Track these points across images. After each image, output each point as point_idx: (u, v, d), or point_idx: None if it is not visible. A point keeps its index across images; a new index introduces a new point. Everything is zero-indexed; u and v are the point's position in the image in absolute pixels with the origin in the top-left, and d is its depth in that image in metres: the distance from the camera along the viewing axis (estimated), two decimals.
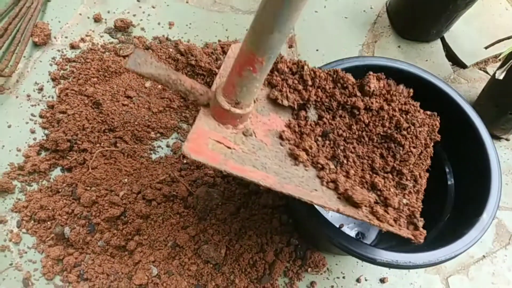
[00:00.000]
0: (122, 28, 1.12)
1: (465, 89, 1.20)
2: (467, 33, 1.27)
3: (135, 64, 0.56)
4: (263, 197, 0.91)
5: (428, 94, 0.79)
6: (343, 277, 0.91)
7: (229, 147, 0.59)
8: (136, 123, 0.98)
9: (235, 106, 0.58)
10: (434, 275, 0.94)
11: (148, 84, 1.03)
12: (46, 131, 0.98)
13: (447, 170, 0.80)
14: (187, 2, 1.22)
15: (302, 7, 0.51)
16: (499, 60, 1.22)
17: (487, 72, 1.23)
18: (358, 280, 0.91)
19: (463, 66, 1.23)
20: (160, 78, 0.57)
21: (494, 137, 1.12)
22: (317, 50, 1.19)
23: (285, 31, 0.52)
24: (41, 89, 1.03)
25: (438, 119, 0.69)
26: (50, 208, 0.88)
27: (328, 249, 0.88)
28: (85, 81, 1.02)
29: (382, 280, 0.92)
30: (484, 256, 0.98)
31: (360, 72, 0.79)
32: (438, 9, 1.13)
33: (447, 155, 0.81)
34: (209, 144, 0.57)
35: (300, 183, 0.60)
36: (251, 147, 0.61)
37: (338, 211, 0.57)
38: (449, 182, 0.79)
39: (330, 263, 0.91)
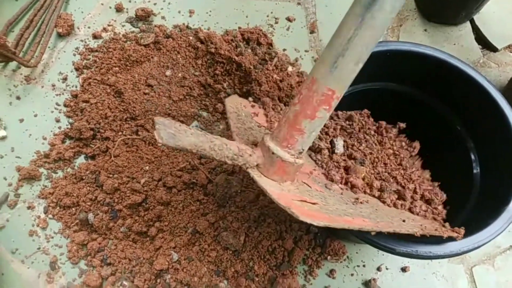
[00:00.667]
0: (143, 17, 1.13)
1: (496, 73, 1.15)
2: (498, 15, 1.21)
3: (170, 136, 0.47)
4: None
5: (455, 80, 0.77)
6: (363, 266, 0.90)
7: (312, 203, 0.53)
8: (157, 111, 0.98)
9: (299, 157, 0.52)
10: (458, 265, 0.92)
11: (168, 73, 1.04)
12: (70, 120, 1.00)
13: (472, 158, 0.77)
14: None
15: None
16: None
17: None
18: (378, 269, 0.90)
19: (493, 49, 1.18)
20: (203, 147, 0.49)
21: None
22: None
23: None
24: (65, 79, 1.05)
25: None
26: (75, 194, 0.90)
27: (347, 237, 0.87)
28: (107, 70, 1.03)
29: (404, 269, 0.90)
30: (511, 247, 0.94)
31: (382, 57, 0.77)
32: None
33: (473, 142, 0.78)
34: (296, 203, 0.51)
35: (379, 216, 0.57)
36: (320, 198, 0.56)
37: (415, 233, 0.56)
38: (474, 171, 0.76)
39: (350, 251, 0.90)
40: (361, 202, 0.61)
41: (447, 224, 0.65)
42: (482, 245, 0.61)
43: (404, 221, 0.60)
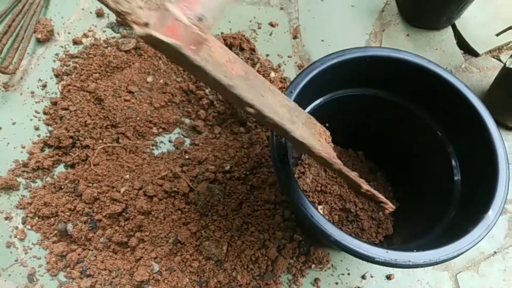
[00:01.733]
0: (125, 22, 1.11)
1: (477, 78, 1.15)
2: (479, 20, 1.22)
3: None
4: (265, 193, 0.90)
5: (434, 86, 0.77)
6: (348, 274, 0.89)
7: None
8: (138, 118, 0.97)
9: (195, 23, 0.46)
10: (443, 272, 0.92)
11: (150, 79, 1.02)
12: (50, 128, 0.98)
13: (453, 164, 0.77)
14: None
15: None
16: (511, 47, 1.17)
17: (500, 60, 1.18)
18: (363, 277, 0.89)
19: (475, 54, 1.19)
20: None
21: (507, 127, 1.08)
22: (322, 40, 1.16)
23: None
24: (44, 86, 1.03)
25: None
26: (54, 204, 0.88)
27: (331, 245, 0.87)
28: (87, 76, 1.01)
29: (388, 277, 0.90)
30: (495, 252, 0.95)
31: (362, 63, 0.77)
32: None
33: (454, 149, 0.78)
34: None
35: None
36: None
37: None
38: (455, 178, 0.76)
39: (335, 260, 0.90)
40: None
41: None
42: (462, 253, 0.60)
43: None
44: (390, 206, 0.62)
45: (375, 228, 0.87)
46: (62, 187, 0.90)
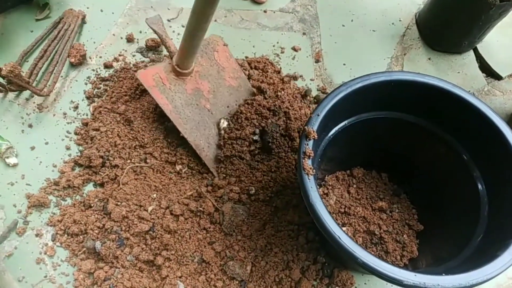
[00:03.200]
0: (153, 47, 1.16)
1: (501, 101, 1.15)
2: (501, 43, 1.23)
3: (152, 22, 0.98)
4: (289, 214, 0.91)
5: (459, 109, 0.77)
6: None
7: (164, 84, 0.94)
8: (166, 140, 1.00)
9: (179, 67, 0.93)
10: None
11: None
12: (80, 148, 1.02)
13: (480, 188, 0.77)
14: (215, 21, 1.25)
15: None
16: None
17: None
18: None
19: (498, 77, 1.19)
20: (160, 34, 0.98)
21: None
22: (344, 64, 1.18)
23: None
24: (76, 107, 1.07)
25: None
26: (83, 222, 0.90)
27: (355, 268, 0.86)
28: (117, 99, 1.05)
29: None
30: None
31: (387, 87, 0.78)
32: (470, 20, 1.10)
33: (480, 173, 0.78)
34: (154, 76, 0.94)
35: (193, 122, 0.96)
36: (176, 87, 0.96)
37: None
38: (481, 201, 0.75)
39: (359, 282, 0.89)
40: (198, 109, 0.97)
41: None
42: (492, 278, 0.60)
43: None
44: None
45: (400, 251, 0.87)
46: (92, 205, 0.93)
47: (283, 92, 1.05)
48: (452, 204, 0.84)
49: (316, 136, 0.71)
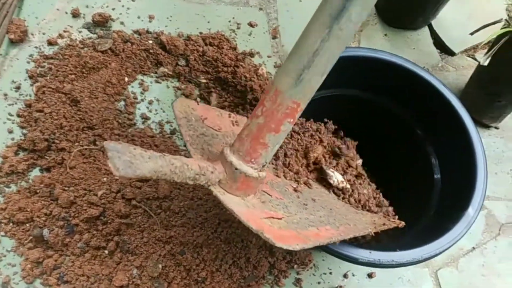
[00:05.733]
0: (100, 22, 1.09)
1: (454, 77, 1.18)
2: (455, 20, 1.25)
3: (127, 165, 0.41)
4: None
5: (412, 85, 0.78)
6: (330, 273, 0.90)
7: (279, 218, 0.52)
8: (115, 120, 0.95)
9: (262, 170, 0.51)
10: (423, 269, 0.93)
11: (127, 79, 1.01)
12: (24, 131, 0.95)
13: (433, 162, 0.79)
14: None
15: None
16: (487, 46, 1.20)
17: (475, 59, 1.21)
18: (345, 276, 0.90)
19: (451, 53, 1.21)
20: (164, 172, 0.45)
21: (484, 125, 1.10)
22: None
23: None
24: (18, 88, 1.00)
25: None
26: (29, 209, 0.86)
27: None
28: (63, 78, 0.99)
29: (370, 275, 0.90)
30: (473, 248, 0.96)
31: (341, 64, 0.77)
32: None
33: (433, 148, 0.80)
34: (266, 223, 0.50)
35: (337, 219, 0.60)
36: (283, 208, 0.56)
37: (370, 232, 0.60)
38: (435, 176, 0.77)
39: (316, 259, 0.90)
40: (313, 200, 0.63)
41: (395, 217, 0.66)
42: (444, 251, 0.61)
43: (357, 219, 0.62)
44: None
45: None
46: (38, 191, 0.88)
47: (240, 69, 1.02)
48: (407, 180, 0.85)
49: None
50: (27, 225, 0.86)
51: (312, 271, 0.89)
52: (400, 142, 0.86)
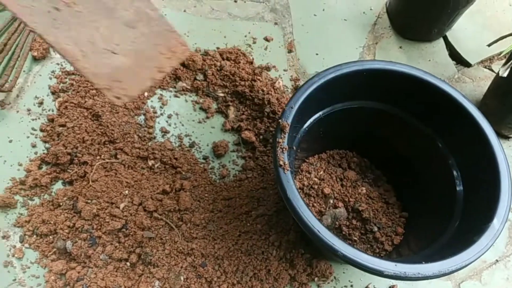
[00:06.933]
0: None
1: (471, 88, 1.17)
2: (470, 31, 1.25)
3: None
4: (260, 208, 0.90)
5: (431, 96, 0.78)
6: (351, 286, 0.89)
7: None
8: (136, 134, 0.97)
9: None
10: (446, 281, 0.92)
11: (146, 93, 1.02)
12: (47, 145, 0.97)
13: (455, 174, 0.78)
14: (184, 11, 1.22)
15: None
16: (504, 57, 1.20)
17: (492, 70, 1.21)
18: None
19: (467, 65, 1.21)
20: None
21: (502, 136, 1.09)
22: (317, 54, 1.18)
23: None
24: (41, 103, 1.03)
25: None
26: (52, 222, 0.87)
27: (333, 258, 0.86)
28: (85, 93, 1.01)
29: None
30: (497, 261, 0.95)
31: (359, 77, 0.78)
32: (439, 7, 1.11)
33: (454, 159, 0.79)
34: None
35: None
36: None
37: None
38: (457, 188, 0.76)
39: (337, 272, 0.89)
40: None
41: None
42: (470, 263, 0.61)
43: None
44: None
45: (385, 237, 0.87)
46: (61, 204, 0.89)
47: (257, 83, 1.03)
48: (430, 191, 0.85)
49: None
50: (51, 237, 0.87)
51: (333, 283, 0.89)
52: (420, 154, 0.86)
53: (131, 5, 0.66)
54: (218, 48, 1.14)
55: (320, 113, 0.83)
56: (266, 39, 1.19)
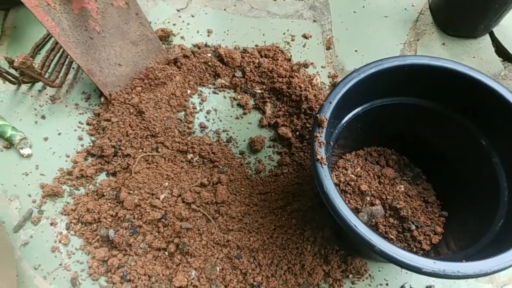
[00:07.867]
0: (163, 37, 1.16)
1: None
2: None
3: None
4: (295, 204, 0.90)
5: (476, 93, 0.75)
6: (386, 284, 0.88)
7: (48, 3, 0.85)
8: (177, 129, 1.00)
9: None
10: (486, 284, 0.88)
11: (189, 91, 1.05)
12: (93, 138, 1.02)
13: (499, 173, 0.75)
14: (224, 10, 1.24)
15: None
16: None
17: None
18: None
19: None
20: None
21: None
22: (356, 51, 1.17)
23: None
24: (88, 98, 1.08)
25: None
26: (96, 211, 0.91)
27: (370, 255, 0.85)
28: (131, 90, 1.05)
29: None
30: None
31: (401, 72, 0.77)
32: (485, 3, 1.07)
33: (499, 157, 0.76)
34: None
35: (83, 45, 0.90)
36: (62, 7, 0.88)
37: None
38: (501, 188, 0.73)
39: (372, 270, 0.88)
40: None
41: None
42: None
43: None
44: None
45: (423, 236, 0.85)
46: (104, 194, 0.93)
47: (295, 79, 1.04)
48: (471, 190, 0.82)
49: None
50: (94, 225, 0.91)
51: (367, 281, 0.88)
52: (462, 152, 0.83)
53: (138, 29, 1.01)
54: (256, 45, 1.16)
55: (359, 108, 0.82)
56: (305, 37, 1.19)
